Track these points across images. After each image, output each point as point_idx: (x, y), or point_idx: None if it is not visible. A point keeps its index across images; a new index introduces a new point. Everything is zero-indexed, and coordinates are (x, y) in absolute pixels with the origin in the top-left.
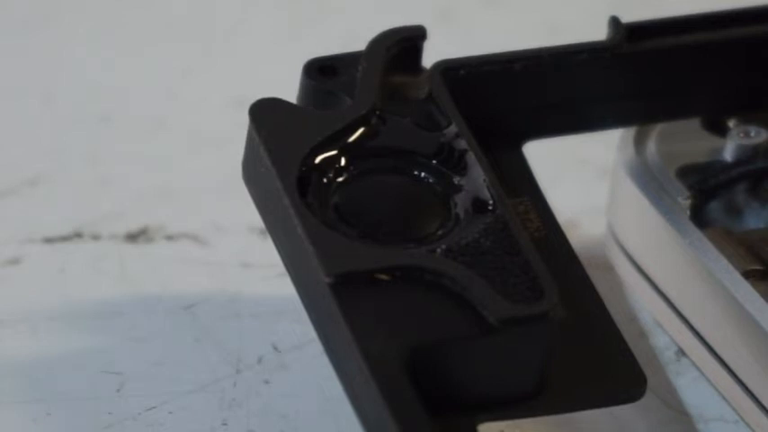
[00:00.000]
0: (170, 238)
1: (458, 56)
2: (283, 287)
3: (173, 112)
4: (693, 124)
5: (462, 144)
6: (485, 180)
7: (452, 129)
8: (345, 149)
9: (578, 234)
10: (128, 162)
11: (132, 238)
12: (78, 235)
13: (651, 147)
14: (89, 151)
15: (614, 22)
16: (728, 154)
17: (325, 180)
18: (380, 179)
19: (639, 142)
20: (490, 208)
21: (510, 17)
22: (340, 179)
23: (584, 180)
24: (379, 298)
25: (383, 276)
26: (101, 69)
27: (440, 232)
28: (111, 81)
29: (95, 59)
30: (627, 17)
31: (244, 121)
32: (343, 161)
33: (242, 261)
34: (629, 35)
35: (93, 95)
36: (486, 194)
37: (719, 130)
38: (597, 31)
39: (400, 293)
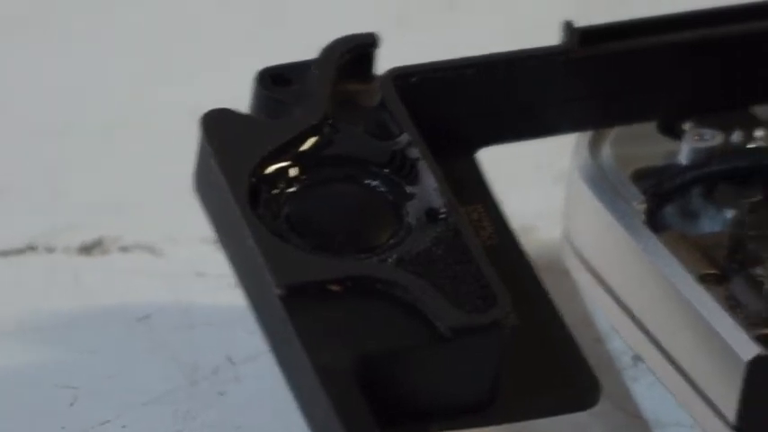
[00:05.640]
0: (125, 249)
1: (416, 61)
2: (238, 297)
3: (126, 122)
4: (649, 128)
5: (414, 152)
6: (436, 188)
7: (405, 137)
8: (297, 159)
9: (535, 239)
10: (81, 174)
11: (87, 250)
12: (32, 248)
13: (606, 151)
14: (42, 163)
15: (567, 26)
16: (683, 157)
17: (276, 190)
18: (332, 189)
19: (594, 146)
20: (442, 216)
21: (468, 21)
22: (292, 189)
23: (542, 184)
24: (330, 309)
25: (334, 287)
26: (54, 80)
27: (392, 241)
28: (65, 92)
29: (49, 70)
30: (585, 20)
31: (197, 131)
32: (294, 171)
33: (197, 271)
34: (582, 39)
35: (47, 106)
36: (437, 203)
37: (675, 133)
38: (556, 35)
39: (352, 304)
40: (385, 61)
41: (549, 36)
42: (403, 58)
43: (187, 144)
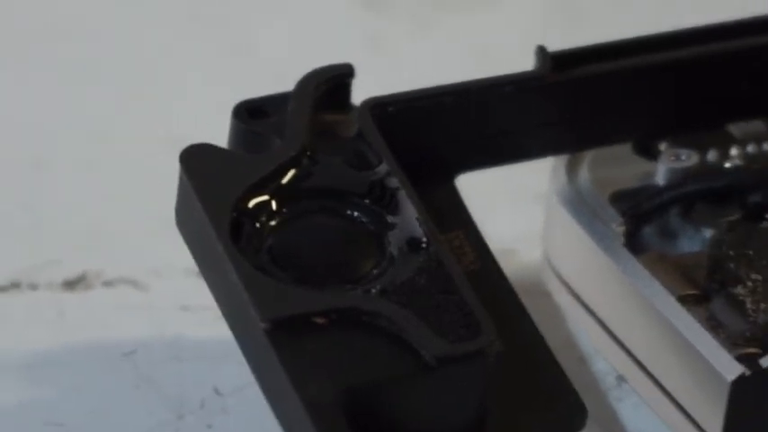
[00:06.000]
0: (108, 284)
1: (388, 82)
2: (223, 329)
3: (104, 154)
4: (625, 149)
5: (394, 182)
6: (417, 218)
7: (383, 167)
8: (277, 192)
9: (516, 261)
10: (62, 207)
11: (70, 285)
12: (16, 285)
13: (583, 174)
14: (23, 198)
15: (540, 51)
16: (660, 178)
17: (258, 224)
18: (313, 221)
19: (571, 170)
20: (424, 246)
21: (439, 43)
22: (273, 222)
23: (521, 206)
24: (315, 341)
25: (319, 320)
26: (29, 113)
27: (375, 272)
28: (41, 124)
29: (24, 102)
30: (557, 40)
31: (176, 160)
32: (275, 204)
33: (181, 304)
34: (555, 64)
35: (21, 140)
36: (419, 232)
37: (651, 153)
38: (529, 55)
39: (337, 336)
40: (361, 86)
41: (518, 57)
42: (378, 83)
43: (166, 174)
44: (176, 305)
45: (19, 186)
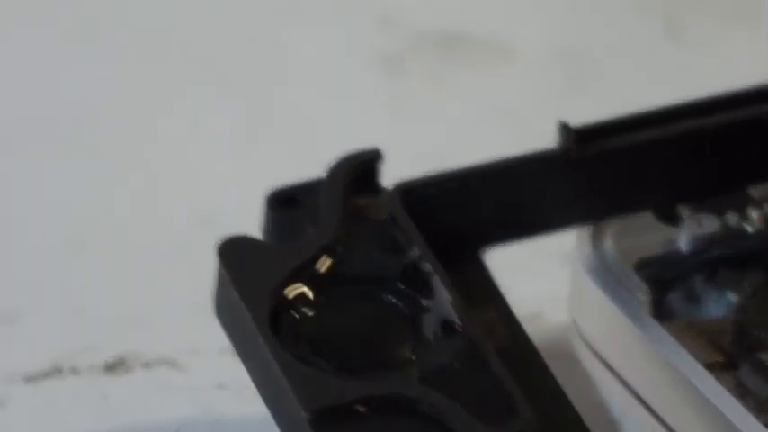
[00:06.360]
0: (147, 365)
1: (408, 147)
2: (263, 405)
3: (137, 235)
4: (647, 216)
5: (427, 265)
6: (450, 300)
7: (416, 250)
8: (313, 281)
9: (544, 324)
10: (99, 289)
11: (111, 368)
12: (58, 370)
13: (608, 243)
14: (56, 282)
15: (564, 127)
16: (683, 244)
17: (296, 314)
18: (350, 308)
19: (596, 239)
20: (459, 329)
21: (458, 104)
22: (310, 311)
23: (543, 267)
24: (358, 430)
25: (361, 408)
26: (64, 195)
27: (413, 357)
28: (76, 207)
29: (58, 185)
30: (572, 95)
31: (209, 238)
32: (312, 293)
33: (220, 383)
34: (578, 139)
35: (59, 223)
36: (452, 314)
37: (673, 219)
38: (546, 114)
39: (378, 423)
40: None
41: (539, 115)
42: (398, 147)
43: (200, 252)
44: (216, 384)
45: (52, 270)
